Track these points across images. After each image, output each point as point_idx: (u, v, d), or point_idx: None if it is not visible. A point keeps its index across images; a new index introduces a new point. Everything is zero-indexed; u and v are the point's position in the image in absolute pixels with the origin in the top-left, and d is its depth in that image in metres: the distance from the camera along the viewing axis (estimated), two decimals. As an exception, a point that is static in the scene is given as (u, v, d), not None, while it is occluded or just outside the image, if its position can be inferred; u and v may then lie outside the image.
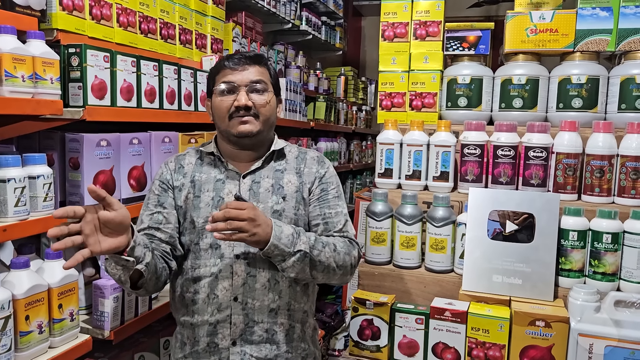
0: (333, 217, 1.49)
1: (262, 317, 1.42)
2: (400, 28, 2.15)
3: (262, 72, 1.47)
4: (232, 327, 1.42)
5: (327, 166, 1.56)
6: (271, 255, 1.33)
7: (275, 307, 1.43)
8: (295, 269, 1.35)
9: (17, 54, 1.35)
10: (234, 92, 1.43)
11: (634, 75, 1.85)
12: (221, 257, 1.42)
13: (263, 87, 1.45)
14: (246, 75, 1.44)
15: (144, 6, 1.95)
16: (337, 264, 1.40)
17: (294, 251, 1.33)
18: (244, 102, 1.41)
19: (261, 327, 1.42)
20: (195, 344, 1.45)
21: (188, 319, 1.46)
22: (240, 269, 1.42)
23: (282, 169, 1.51)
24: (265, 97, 1.45)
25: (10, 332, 1.33)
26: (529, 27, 1.97)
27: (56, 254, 1.49)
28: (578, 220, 1.68)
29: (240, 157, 1.50)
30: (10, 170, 1.37)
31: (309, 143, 3.61)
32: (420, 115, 2.12)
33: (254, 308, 1.42)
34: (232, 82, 1.43)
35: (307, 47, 4.33)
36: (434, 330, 1.65)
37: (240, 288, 1.41)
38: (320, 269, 1.38)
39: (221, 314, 1.42)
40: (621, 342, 1.47)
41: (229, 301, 1.41)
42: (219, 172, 1.49)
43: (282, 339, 1.45)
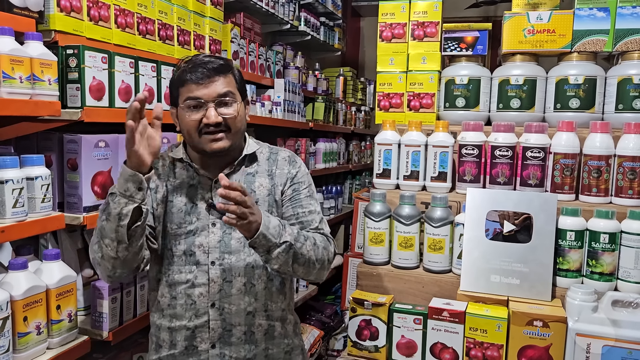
0: (307, 215, 1.50)
1: (240, 320, 1.44)
2: (398, 29, 2.15)
3: (228, 82, 1.42)
4: (211, 332, 1.43)
5: (298, 166, 1.55)
6: (257, 245, 1.30)
7: (252, 309, 1.45)
8: (279, 261, 1.34)
9: (14, 55, 1.35)
10: (201, 108, 1.39)
11: (631, 76, 1.85)
12: (197, 264, 1.43)
13: (231, 100, 1.42)
14: (213, 89, 1.39)
15: (142, 7, 1.95)
16: (317, 257, 1.40)
17: (280, 242, 1.32)
18: (214, 119, 1.38)
19: (239, 330, 1.44)
20: (173, 347, 1.46)
21: (165, 323, 1.47)
22: (216, 275, 1.42)
23: (254, 172, 1.50)
24: (233, 108, 1.42)
25: (8, 333, 1.33)
26: (527, 27, 1.98)
27: (54, 255, 1.50)
28: (576, 220, 1.68)
29: (211, 164, 1.48)
30: (8, 172, 1.38)
31: (308, 144, 3.62)
32: (418, 115, 2.12)
33: (231, 312, 1.43)
34: (199, 98, 1.39)
35: (306, 47, 4.33)
36: (432, 331, 1.65)
37: (217, 294, 1.42)
38: (302, 262, 1.37)
39: (199, 319, 1.43)
40: (619, 341, 1.48)
41: (206, 307, 1.43)
42: (191, 178, 1.48)
43: (261, 338, 1.47)
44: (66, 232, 1.73)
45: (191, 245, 1.43)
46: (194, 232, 1.44)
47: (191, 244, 1.43)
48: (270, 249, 1.32)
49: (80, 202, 1.60)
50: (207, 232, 1.44)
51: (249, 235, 1.29)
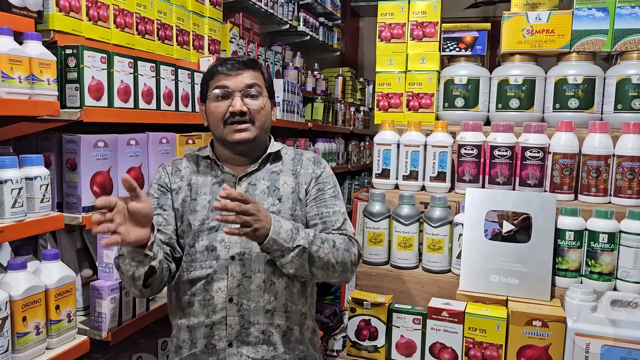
0: (331, 215, 1.49)
1: (258, 318, 1.42)
2: (397, 29, 2.15)
3: (256, 77, 1.47)
4: (228, 328, 1.41)
5: (323, 166, 1.57)
6: (270, 251, 1.32)
7: (271, 308, 1.43)
8: (294, 265, 1.34)
9: (13, 55, 1.35)
10: (228, 98, 1.43)
11: (630, 76, 1.85)
12: (216, 259, 1.43)
13: (257, 92, 1.45)
14: (240, 80, 1.44)
15: (141, 7, 1.95)
16: (336, 260, 1.40)
17: (293, 246, 1.32)
18: (239, 107, 1.41)
19: (257, 329, 1.42)
20: (193, 346, 1.45)
21: (185, 322, 1.46)
22: (235, 270, 1.42)
23: (278, 170, 1.51)
24: (259, 101, 1.45)
25: (7, 334, 1.33)
26: (526, 27, 1.98)
27: (53, 255, 1.49)
28: (575, 220, 1.68)
29: (236, 161, 1.50)
30: (7, 172, 1.37)
31: (307, 144, 3.62)
32: (417, 115, 2.12)
33: (250, 309, 1.42)
34: (226, 87, 1.43)
35: (305, 47, 4.33)
36: (432, 331, 1.65)
37: (235, 289, 1.41)
38: (319, 265, 1.37)
39: (217, 315, 1.42)
40: (618, 341, 1.48)
41: (224, 302, 1.41)
42: (215, 176, 1.50)
43: (279, 340, 1.45)
44: (65, 232, 1.73)
45: (213, 240, 1.43)
46: (217, 228, 1.43)
47: (213, 240, 1.43)
48: (284, 253, 1.32)
49: (80, 202, 1.60)
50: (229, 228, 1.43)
51: (259, 241, 1.30)
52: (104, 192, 1.68)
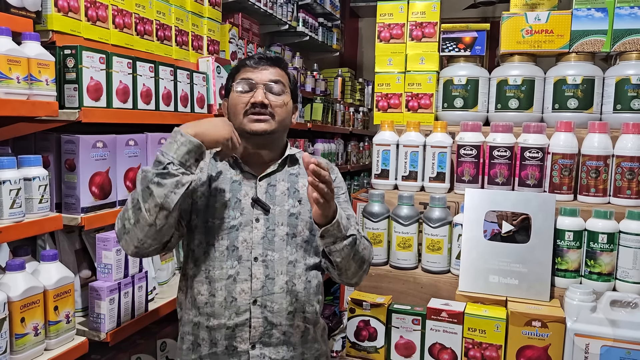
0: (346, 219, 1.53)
1: (281, 319, 1.42)
2: (396, 29, 2.15)
3: (281, 75, 1.49)
4: (252, 330, 1.40)
5: (336, 172, 1.60)
6: (328, 235, 1.32)
7: (293, 309, 1.44)
8: (344, 253, 1.37)
9: (12, 55, 1.35)
10: (251, 90, 1.44)
11: (629, 76, 1.85)
12: (239, 260, 1.41)
13: (281, 89, 1.46)
14: (265, 74, 1.46)
15: (140, 7, 1.95)
16: (366, 258, 1.46)
17: (348, 234, 1.36)
18: (261, 98, 1.42)
19: (279, 330, 1.42)
20: (214, 346, 1.42)
21: (203, 321, 1.43)
22: (259, 271, 1.41)
23: (296, 172, 1.52)
24: (282, 97, 1.46)
25: (5, 335, 1.33)
26: (525, 28, 1.98)
27: (52, 255, 1.49)
28: (574, 220, 1.68)
29: (254, 158, 1.49)
30: (5, 172, 1.37)
31: (306, 144, 3.61)
32: (416, 116, 2.12)
33: (273, 311, 1.41)
34: (251, 80, 1.44)
35: (304, 48, 4.34)
36: (431, 331, 1.65)
37: (259, 291, 1.40)
38: (357, 259, 1.42)
39: (240, 317, 1.40)
40: (617, 342, 1.48)
41: (247, 304, 1.40)
42: (235, 174, 1.48)
43: (298, 341, 1.46)
44: (64, 233, 1.72)
45: (234, 240, 1.42)
46: (237, 228, 1.42)
47: (234, 239, 1.42)
48: (338, 239, 1.34)
49: (78, 202, 1.60)
50: (250, 228, 1.42)
51: (325, 220, 1.30)
52: (103, 193, 1.68)
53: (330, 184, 1.26)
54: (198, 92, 2.20)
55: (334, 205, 1.32)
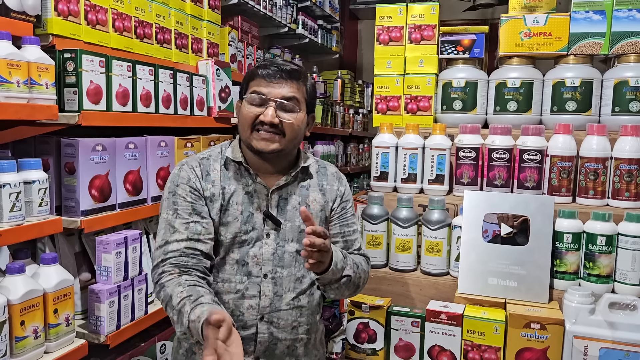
0: (352, 234, 1.54)
1: (286, 334, 1.42)
2: (395, 32, 2.16)
3: (297, 89, 1.39)
4: (258, 345, 1.40)
5: (344, 183, 1.57)
6: (323, 279, 1.36)
7: (297, 324, 1.44)
8: (338, 291, 1.42)
9: (12, 59, 1.35)
10: (262, 105, 1.36)
11: (627, 78, 1.86)
12: (248, 275, 1.39)
13: (293, 106, 1.37)
14: (279, 90, 1.36)
15: (139, 11, 1.95)
16: (362, 282, 1.49)
17: (343, 275, 1.39)
18: (270, 118, 1.34)
19: (284, 344, 1.43)
20: None
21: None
22: (267, 288, 1.40)
23: (307, 185, 1.48)
24: (294, 116, 1.38)
25: (5, 338, 1.33)
26: (523, 30, 1.98)
27: (51, 258, 1.50)
28: (572, 222, 1.68)
29: (265, 168, 1.43)
30: (5, 176, 1.37)
31: (306, 146, 3.62)
32: (415, 118, 2.13)
33: (279, 327, 1.41)
34: (263, 95, 1.36)
35: (304, 50, 4.34)
36: (430, 333, 1.65)
37: (267, 308, 1.39)
38: (352, 288, 1.46)
39: (246, 331, 1.39)
40: (616, 343, 1.48)
41: (254, 320, 1.39)
42: (246, 184, 1.42)
43: (302, 352, 1.47)
44: (64, 236, 1.73)
45: (245, 255, 1.39)
46: (249, 242, 1.39)
47: (245, 254, 1.39)
48: (332, 282, 1.38)
49: (78, 205, 1.60)
50: (261, 243, 1.39)
51: (319, 271, 1.33)
52: (103, 196, 1.69)
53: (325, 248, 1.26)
54: (197, 95, 2.20)
55: (329, 256, 1.31)
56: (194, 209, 1.37)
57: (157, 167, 1.93)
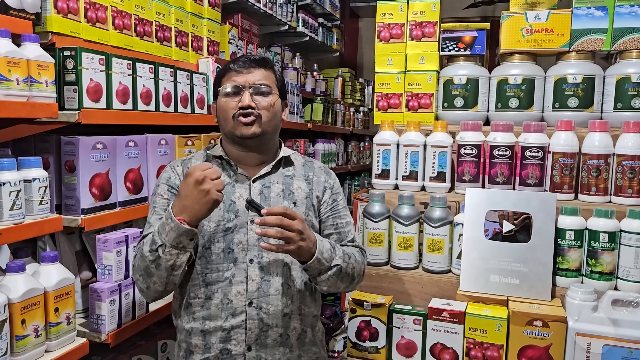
0: (344, 226, 1.54)
1: (277, 321, 1.42)
2: (396, 29, 2.15)
3: (267, 75, 1.48)
4: (248, 332, 1.41)
5: (333, 177, 1.60)
6: (310, 269, 1.35)
7: (289, 311, 1.44)
8: (329, 282, 1.39)
9: (11, 57, 1.35)
10: (238, 94, 1.44)
11: (629, 75, 1.85)
12: (234, 262, 1.41)
13: (267, 90, 1.46)
14: (250, 77, 1.45)
15: (139, 9, 1.95)
16: (357, 273, 1.47)
17: (332, 265, 1.38)
18: (247, 102, 1.42)
19: (275, 332, 1.43)
20: (207, 351, 1.43)
21: (198, 326, 1.43)
22: (254, 273, 1.41)
23: (291, 174, 1.52)
24: (269, 99, 1.46)
25: (6, 336, 1.33)
26: (525, 27, 1.98)
27: (52, 257, 1.49)
28: (575, 219, 1.68)
29: (247, 160, 1.50)
30: (5, 174, 1.37)
31: (307, 145, 3.61)
32: (416, 115, 2.12)
33: (269, 312, 1.41)
34: (237, 84, 1.44)
35: (304, 48, 4.33)
36: (432, 331, 1.64)
37: (255, 292, 1.41)
38: (346, 280, 1.44)
39: (236, 319, 1.41)
40: (619, 341, 1.47)
41: (243, 306, 1.41)
42: (228, 176, 1.48)
43: (295, 343, 1.47)
44: (64, 235, 1.72)
45: (230, 242, 1.42)
46: (233, 230, 1.43)
47: (230, 242, 1.42)
48: (322, 272, 1.37)
49: (78, 204, 1.60)
50: (245, 230, 1.43)
51: (302, 260, 1.34)
52: (103, 194, 1.68)
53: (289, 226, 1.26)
54: (198, 93, 2.20)
55: (308, 243, 1.31)
56: (168, 204, 1.44)
57: (157, 165, 1.92)
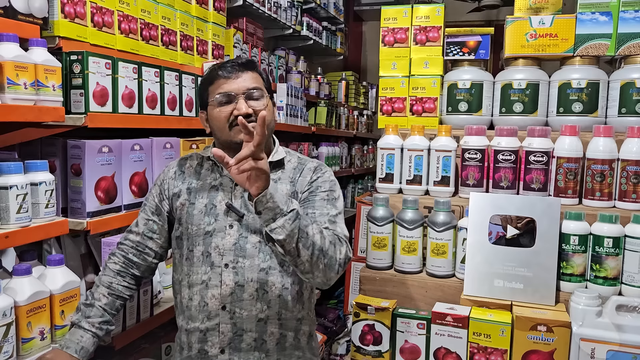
0: (317, 217, 1.41)
1: (251, 326, 1.42)
2: (401, 33, 2.16)
3: (256, 78, 1.47)
4: (221, 335, 1.42)
5: (322, 172, 1.51)
6: (263, 209, 1.22)
7: (264, 317, 1.43)
8: (286, 230, 1.23)
9: (19, 61, 1.36)
10: (231, 102, 1.43)
11: (634, 80, 1.85)
12: (211, 266, 1.43)
13: (260, 94, 1.45)
14: (242, 83, 1.43)
15: (145, 13, 1.96)
16: (322, 247, 1.30)
17: (288, 210, 1.24)
18: (245, 110, 1.40)
19: (250, 336, 1.43)
20: (189, 349, 1.47)
21: (184, 324, 1.48)
22: (228, 278, 1.42)
23: (277, 178, 1.49)
24: (263, 102, 1.45)
25: (12, 339, 1.33)
26: (529, 32, 1.98)
27: (58, 260, 1.50)
28: (579, 224, 1.68)
29: None
30: (12, 177, 1.38)
31: (310, 148, 3.62)
32: (420, 120, 2.12)
33: (242, 317, 1.42)
34: (229, 92, 1.42)
35: (308, 52, 4.34)
36: (436, 336, 1.64)
37: (228, 297, 1.42)
38: (306, 244, 1.27)
39: (211, 321, 1.43)
40: (623, 346, 1.47)
41: (217, 310, 1.42)
42: (214, 179, 1.49)
43: (273, 348, 1.45)
44: (70, 238, 1.73)
45: (208, 246, 1.43)
46: (211, 233, 1.43)
47: (208, 245, 1.43)
48: (276, 216, 1.23)
49: (84, 207, 1.61)
50: (223, 234, 1.43)
51: (257, 191, 1.21)
52: (109, 198, 1.69)
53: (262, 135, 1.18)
54: (203, 97, 2.20)
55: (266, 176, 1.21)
56: (156, 208, 1.53)
57: (162, 168, 1.93)
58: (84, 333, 1.42)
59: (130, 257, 1.53)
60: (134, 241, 1.53)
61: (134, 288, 1.55)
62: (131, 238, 1.54)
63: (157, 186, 1.56)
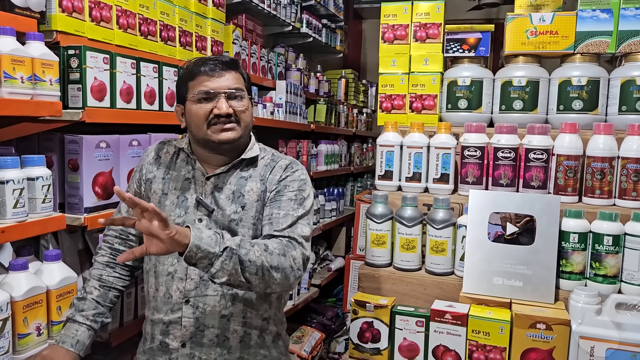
0: (280, 217, 1.39)
1: (213, 322, 1.42)
2: (401, 30, 2.15)
3: (238, 79, 1.46)
4: (183, 329, 1.42)
5: (293, 171, 1.48)
6: (196, 260, 1.19)
7: (228, 313, 1.42)
8: (226, 272, 1.21)
9: (16, 55, 1.35)
10: (212, 100, 1.41)
11: (634, 77, 1.84)
12: (178, 258, 1.43)
13: (241, 94, 1.44)
14: (224, 82, 1.42)
15: (143, 8, 1.95)
16: (271, 264, 1.26)
17: (220, 251, 1.20)
18: (225, 110, 1.39)
19: (212, 332, 1.42)
20: (152, 340, 1.48)
21: (149, 315, 1.49)
22: (194, 272, 1.42)
23: (248, 175, 1.48)
24: (243, 102, 1.45)
25: (8, 335, 1.32)
26: (529, 29, 1.97)
27: (54, 255, 1.49)
28: (579, 222, 1.67)
29: (212, 160, 1.48)
30: (9, 172, 1.37)
31: (309, 145, 3.61)
32: (420, 117, 2.12)
33: (205, 313, 1.41)
34: (210, 90, 1.41)
35: (308, 49, 4.33)
36: (435, 333, 1.64)
37: (192, 291, 1.42)
38: (253, 271, 1.24)
39: (174, 314, 1.43)
40: (622, 344, 1.47)
41: (180, 303, 1.42)
42: (188, 171, 1.50)
43: (236, 345, 1.44)
44: (67, 233, 1.72)
45: None
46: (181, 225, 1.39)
47: None
48: (212, 260, 1.20)
49: (81, 202, 1.60)
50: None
51: (182, 249, 1.18)
52: (106, 193, 1.68)
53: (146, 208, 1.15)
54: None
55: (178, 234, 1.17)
56: (136, 194, 1.53)
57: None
58: (78, 327, 1.42)
59: (116, 247, 1.54)
60: (117, 230, 1.55)
61: (126, 278, 1.56)
62: (114, 228, 1.55)
63: (137, 172, 1.57)
